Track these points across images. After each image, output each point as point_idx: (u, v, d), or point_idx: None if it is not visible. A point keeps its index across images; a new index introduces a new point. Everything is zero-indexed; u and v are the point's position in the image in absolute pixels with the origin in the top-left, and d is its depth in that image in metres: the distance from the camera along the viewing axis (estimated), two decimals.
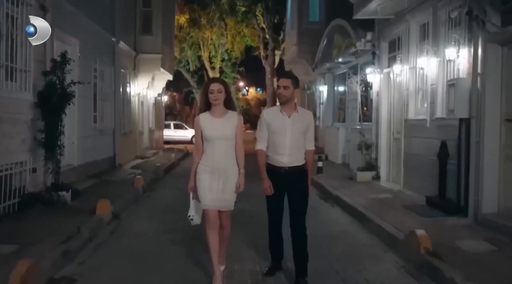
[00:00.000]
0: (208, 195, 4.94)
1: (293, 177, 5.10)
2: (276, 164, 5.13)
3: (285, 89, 5.08)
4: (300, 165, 5.15)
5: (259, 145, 5.23)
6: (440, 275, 5.10)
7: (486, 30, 7.04)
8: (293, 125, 5.09)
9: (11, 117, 7.84)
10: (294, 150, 5.11)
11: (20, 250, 5.81)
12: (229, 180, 4.97)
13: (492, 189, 7.11)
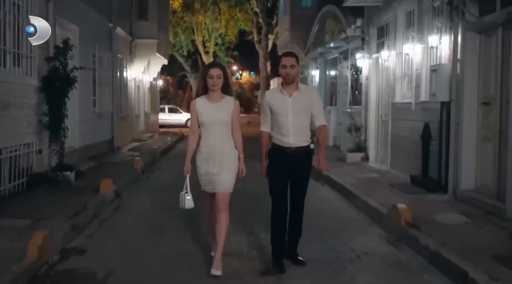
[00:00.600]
0: (206, 180, 4.99)
1: (299, 158, 4.99)
2: (282, 144, 4.99)
3: (292, 68, 4.94)
4: (305, 145, 5.02)
5: (262, 126, 5.18)
6: (417, 243, 5.64)
7: (465, 19, 7.52)
8: (295, 104, 4.96)
9: (18, 101, 8.28)
10: (298, 129, 4.97)
11: (33, 224, 6.28)
12: (224, 163, 4.94)
13: (470, 168, 7.64)
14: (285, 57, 5.06)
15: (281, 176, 5.01)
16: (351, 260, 5.39)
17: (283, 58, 5.06)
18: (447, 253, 5.05)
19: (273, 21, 35.26)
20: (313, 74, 19.61)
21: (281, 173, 4.99)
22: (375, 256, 5.53)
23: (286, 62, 4.96)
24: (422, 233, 5.84)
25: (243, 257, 5.49)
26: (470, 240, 5.59)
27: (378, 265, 5.25)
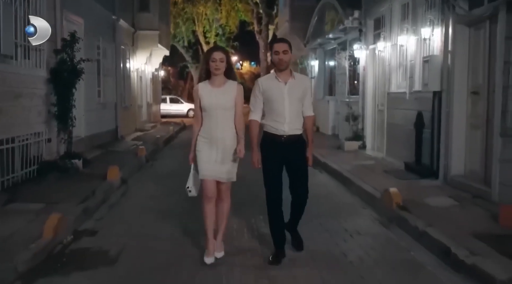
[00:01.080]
0: (206, 165, 4.87)
1: (293, 145, 4.92)
2: (276, 132, 4.92)
3: (285, 54, 4.85)
4: (299, 133, 4.99)
5: (253, 115, 5.02)
6: (406, 224, 6.04)
7: (455, 12, 7.87)
8: (290, 92, 4.89)
9: (28, 92, 8.66)
10: (293, 117, 4.91)
11: (46, 207, 6.68)
12: (227, 150, 4.87)
13: (459, 154, 8.03)
14: (277, 43, 5.00)
15: (276, 165, 4.92)
16: (344, 239, 5.79)
17: (275, 44, 4.99)
18: (433, 232, 5.45)
19: (273, 12, 35.43)
20: (313, 64, 19.95)
21: (275, 161, 4.91)
22: (367, 236, 5.94)
23: (278, 48, 4.87)
24: (411, 215, 6.23)
25: (244, 237, 5.89)
26: (456, 220, 5.99)
27: (369, 243, 5.66)
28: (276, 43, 5.04)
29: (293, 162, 4.97)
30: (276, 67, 4.99)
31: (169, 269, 4.82)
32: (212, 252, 4.95)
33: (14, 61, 7.96)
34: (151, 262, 5.04)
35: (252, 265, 4.91)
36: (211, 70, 4.83)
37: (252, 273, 4.70)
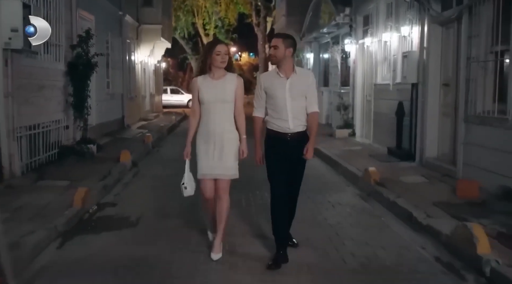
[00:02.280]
0: (204, 163, 4.76)
1: (297, 143, 4.77)
2: (281, 130, 4.78)
3: (275, 49, 4.73)
4: (303, 130, 4.84)
5: (256, 112, 4.93)
6: (381, 196, 7.10)
7: (430, 13, 8.89)
8: (292, 87, 4.74)
9: (50, 84, 9.68)
10: (296, 113, 4.77)
11: (71, 184, 7.72)
12: (226, 145, 4.74)
13: (433, 139, 9.08)
14: (273, 39, 4.94)
15: (281, 163, 4.78)
16: (327, 208, 6.86)
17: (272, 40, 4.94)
18: (401, 202, 6.52)
19: (271, 4, 36.32)
20: (308, 57, 20.96)
21: (280, 160, 4.77)
22: (347, 206, 7.01)
23: (271, 43, 4.85)
24: (386, 189, 7.30)
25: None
26: (422, 193, 7.05)
27: (347, 211, 6.72)
28: (273, 38, 4.95)
29: (295, 161, 4.85)
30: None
31: (181, 231, 5.84)
32: (218, 248, 4.90)
33: (39, 56, 8.95)
34: (166, 225, 6.08)
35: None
36: (216, 63, 4.69)
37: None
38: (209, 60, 4.71)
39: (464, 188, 6.76)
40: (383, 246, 5.27)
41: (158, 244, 5.39)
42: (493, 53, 7.05)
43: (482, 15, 7.18)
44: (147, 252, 5.13)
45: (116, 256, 5.03)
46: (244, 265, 4.74)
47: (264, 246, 5.19)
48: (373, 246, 5.26)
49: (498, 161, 6.68)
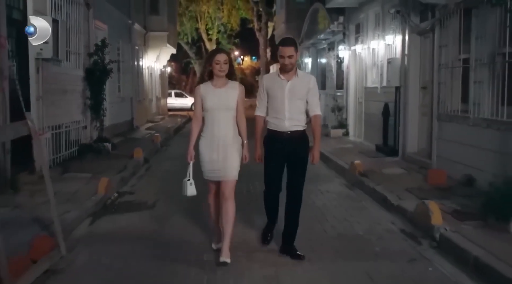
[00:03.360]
0: (209, 166, 4.95)
1: (294, 142, 4.98)
2: (277, 129, 5.01)
3: (290, 59, 4.88)
4: (301, 129, 5.03)
5: (257, 111, 5.17)
6: (363, 185, 8.19)
7: (410, 24, 9.99)
8: (291, 90, 4.95)
9: (71, 88, 10.81)
10: (293, 114, 4.97)
11: (93, 176, 8.81)
12: (229, 150, 4.92)
13: (413, 136, 10.17)
14: (283, 47, 4.94)
15: (277, 159, 5.01)
16: (316, 194, 7.95)
17: (281, 48, 4.96)
18: (379, 188, 7.61)
19: (272, 10, 37.45)
20: (306, 61, 22.08)
21: (276, 156, 4.99)
22: (334, 193, 8.11)
23: (284, 53, 4.88)
24: (368, 179, 8.39)
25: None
26: (398, 182, 8.14)
27: (334, 197, 7.82)
28: (282, 46, 4.97)
29: (293, 158, 5.03)
30: (281, 69, 5.05)
31: (192, 212, 6.91)
32: (219, 239, 5.13)
33: (62, 64, 10.07)
34: (179, 208, 7.15)
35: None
36: (215, 72, 4.87)
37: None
38: (209, 69, 4.90)
39: (434, 176, 7.86)
40: (359, 221, 6.38)
41: (172, 222, 6.50)
42: (460, 60, 8.14)
43: (450, 27, 8.29)
44: (163, 227, 6.25)
45: (138, 230, 6.15)
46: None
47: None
48: (351, 222, 6.36)
49: (463, 153, 7.77)
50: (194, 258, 5.09)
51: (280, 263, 4.91)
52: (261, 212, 5.70)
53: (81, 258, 5.13)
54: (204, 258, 5.06)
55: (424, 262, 4.97)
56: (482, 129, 7.16)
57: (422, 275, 4.65)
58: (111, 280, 4.54)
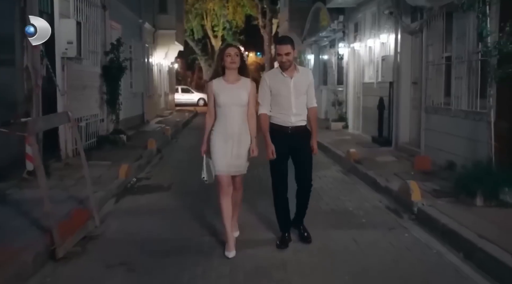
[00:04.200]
0: (222, 161, 5.01)
1: (298, 136, 5.15)
2: (282, 124, 5.14)
3: (287, 56, 5.04)
4: (304, 124, 5.22)
5: (262, 109, 5.20)
6: (357, 171, 9.09)
7: (401, 24, 10.86)
8: (296, 85, 5.11)
9: (91, 84, 11.75)
10: (299, 110, 5.15)
11: (113, 163, 9.73)
12: (242, 145, 5.04)
13: (405, 127, 11.05)
14: (280, 45, 5.14)
15: (282, 155, 5.13)
16: (314, 179, 8.65)
17: (278, 46, 5.17)
18: (371, 173, 8.50)
19: (277, 7, 38.29)
20: (309, 58, 22.95)
21: (282, 151, 5.11)
22: (330, 178, 9.02)
23: (281, 51, 5.07)
24: (361, 165, 9.29)
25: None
26: (388, 168, 9.03)
27: (330, 181, 8.73)
28: (279, 44, 5.17)
29: (298, 152, 5.20)
30: (280, 66, 5.24)
31: (202, 193, 7.81)
32: (232, 246, 5.03)
33: (83, 62, 11.00)
34: (192, 189, 8.06)
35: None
36: (227, 65, 4.98)
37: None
38: (222, 63, 5.02)
39: (420, 162, 8.75)
40: (350, 199, 7.30)
41: (186, 201, 7.42)
42: (443, 58, 9.02)
43: (435, 28, 9.17)
44: (179, 204, 7.18)
45: (157, 206, 7.10)
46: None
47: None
48: (343, 200, 7.29)
49: (446, 142, 8.66)
50: (206, 228, 6.00)
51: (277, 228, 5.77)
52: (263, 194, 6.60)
53: (111, 227, 6.07)
54: (216, 226, 5.96)
55: (402, 230, 5.88)
56: (461, 120, 8.04)
57: (399, 239, 5.56)
58: (138, 244, 5.46)
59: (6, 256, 4.52)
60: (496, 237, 4.96)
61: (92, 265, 4.84)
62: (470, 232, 5.20)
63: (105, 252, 5.19)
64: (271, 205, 5.54)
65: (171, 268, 4.70)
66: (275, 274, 4.59)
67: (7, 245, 4.83)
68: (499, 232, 5.17)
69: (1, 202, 6.71)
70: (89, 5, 11.58)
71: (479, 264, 4.68)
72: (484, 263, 4.63)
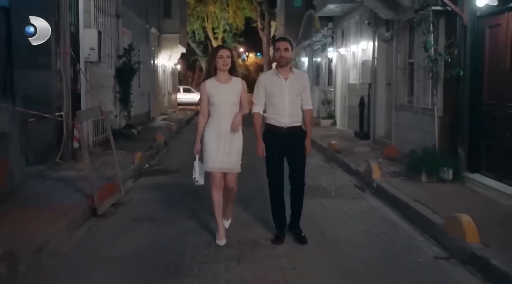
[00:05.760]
0: (214, 157, 5.20)
1: (293, 136, 5.29)
2: (277, 124, 5.27)
3: (286, 51, 5.21)
4: (298, 125, 5.35)
5: (255, 108, 5.35)
6: (336, 159, 10.74)
7: (378, 33, 12.51)
8: (290, 87, 5.24)
9: (107, 84, 13.40)
10: (293, 110, 5.26)
11: (128, 153, 11.33)
12: (234, 142, 5.22)
13: (381, 123, 12.70)
14: (279, 41, 5.37)
15: (278, 155, 5.31)
16: None
17: (277, 42, 5.41)
18: (347, 160, 10.16)
19: (275, 10, 39.93)
20: (303, 60, 24.64)
21: (277, 152, 5.28)
22: (313, 164, 10.59)
23: (280, 46, 5.26)
24: (341, 155, 10.93)
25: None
26: (362, 156, 10.67)
27: (312, 166, 10.29)
28: (278, 41, 5.41)
29: (292, 152, 5.35)
30: (277, 64, 5.38)
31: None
32: (223, 235, 5.36)
33: (101, 65, 12.64)
34: None
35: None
36: (219, 66, 5.16)
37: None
38: (214, 64, 5.22)
39: (387, 151, 10.42)
40: (326, 179, 8.97)
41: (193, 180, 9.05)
42: (408, 63, 10.66)
43: (402, 38, 10.82)
44: (187, 182, 8.74)
45: (169, 183, 8.77)
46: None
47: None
48: (319, 180, 8.94)
49: (410, 134, 10.29)
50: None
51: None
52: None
53: (134, 197, 7.73)
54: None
55: (361, 199, 7.55)
56: (420, 115, 9.68)
57: (357, 205, 7.21)
58: (156, 206, 7.10)
59: (63, 210, 6.18)
60: (427, 202, 6.62)
61: (123, 219, 6.50)
62: (409, 198, 6.86)
63: (131, 212, 6.85)
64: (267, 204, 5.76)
65: (183, 221, 6.35)
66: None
67: (62, 204, 6.50)
68: (431, 199, 6.82)
69: (43, 179, 8.35)
70: (105, 15, 13.23)
71: (411, 220, 6.33)
72: (415, 219, 6.27)
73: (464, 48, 7.87)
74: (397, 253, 5.24)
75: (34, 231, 5.35)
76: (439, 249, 5.27)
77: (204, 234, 5.79)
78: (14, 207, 6.44)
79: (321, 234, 5.82)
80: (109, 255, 5.17)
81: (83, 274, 4.65)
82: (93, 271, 4.73)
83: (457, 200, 6.74)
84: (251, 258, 5.03)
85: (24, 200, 6.82)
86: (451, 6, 7.84)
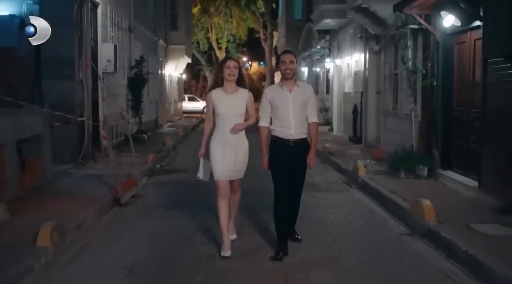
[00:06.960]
0: (221, 167, 5.25)
1: (298, 149, 5.32)
2: (283, 136, 5.27)
3: (291, 64, 5.24)
4: (304, 137, 5.36)
5: (261, 122, 5.41)
6: (330, 160, 11.88)
7: (369, 46, 13.69)
8: (295, 99, 5.26)
9: (120, 93, 14.59)
10: (298, 122, 5.28)
11: (141, 155, 12.47)
12: (239, 152, 5.30)
13: (372, 129, 13.85)
14: (284, 54, 5.38)
15: (283, 167, 5.30)
16: None
17: (282, 55, 5.40)
18: (339, 161, 11.29)
19: (277, 21, 41.13)
20: (303, 70, 25.85)
21: (283, 164, 5.30)
22: None
23: (285, 59, 5.28)
24: (334, 156, 12.08)
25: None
26: (352, 157, 11.77)
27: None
28: (283, 54, 5.42)
29: (296, 164, 5.39)
30: (282, 76, 5.38)
31: None
32: (228, 247, 5.30)
33: (115, 75, 13.84)
34: None
35: None
36: (225, 76, 5.23)
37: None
38: (221, 74, 5.28)
39: (375, 153, 11.57)
40: (318, 177, 10.10)
41: None
42: (393, 74, 11.82)
43: (389, 51, 11.98)
44: (196, 180, 9.95)
45: (180, 180, 9.94)
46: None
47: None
48: (313, 177, 10.04)
49: (395, 137, 11.43)
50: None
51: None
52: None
53: (150, 191, 8.90)
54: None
55: (347, 193, 8.71)
56: (403, 120, 10.82)
57: (343, 197, 8.35)
58: (170, 198, 8.25)
59: (92, 199, 7.34)
60: (402, 193, 7.75)
61: (143, 207, 7.67)
62: (387, 190, 8.00)
63: (149, 202, 8.02)
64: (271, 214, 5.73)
65: (194, 209, 7.50)
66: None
67: (90, 194, 7.67)
68: (405, 191, 7.94)
69: (70, 176, 9.52)
70: (120, 29, 14.45)
71: (387, 207, 7.47)
72: (390, 206, 7.41)
73: (437, 61, 9.03)
74: (370, 230, 6.40)
75: (71, 214, 6.51)
76: (405, 228, 6.43)
77: (212, 215, 6.92)
78: (51, 196, 7.62)
79: (308, 217, 6.95)
80: (134, 232, 6.34)
81: (115, 245, 5.81)
82: (122, 243, 5.89)
83: (427, 192, 7.85)
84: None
85: (58, 192, 8.01)
86: (425, 25, 9.02)
